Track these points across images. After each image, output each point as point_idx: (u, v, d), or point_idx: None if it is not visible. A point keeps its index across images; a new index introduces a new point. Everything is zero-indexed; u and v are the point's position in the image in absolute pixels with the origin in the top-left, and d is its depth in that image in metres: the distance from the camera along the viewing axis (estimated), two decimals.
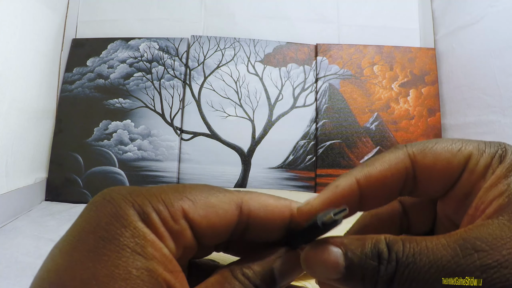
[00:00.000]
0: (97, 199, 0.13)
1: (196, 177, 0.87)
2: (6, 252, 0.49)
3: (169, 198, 0.13)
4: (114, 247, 0.11)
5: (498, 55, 0.75)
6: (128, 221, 0.12)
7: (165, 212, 0.13)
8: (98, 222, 0.12)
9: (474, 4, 0.83)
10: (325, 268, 0.14)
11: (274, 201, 0.16)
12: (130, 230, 0.12)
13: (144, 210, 0.12)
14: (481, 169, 0.15)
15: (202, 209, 0.14)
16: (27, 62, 0.73)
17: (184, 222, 0.13)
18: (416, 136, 0.92)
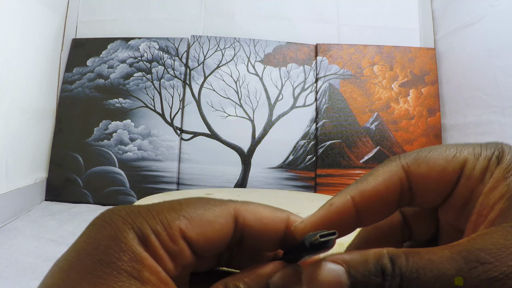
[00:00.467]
0: (98, 221, 0.13)
1: (196, 177, 0.87)
2: (6, 252, 0.49)
3: (166, 219, 0.13)
4: (111, 270, 0.12)
5: (498, 55, 0.75)
6: (127, 245, 0.12)
7: (163, 234, 0.13)
8: (97, 244, 0.12)
9: (474, 4, 0.83)
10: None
11: (270, 213, 0.16)
12: (128, 255, 0.12)
13: (143, 232, 0.13)
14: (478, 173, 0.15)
15: (199, 226, 0.14)
16: (27, 62, 0.73)
17: (183, 242, 0.13)
18: (416, 136, 0.92)
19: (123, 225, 0.13)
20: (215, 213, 0.14)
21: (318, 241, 0.14)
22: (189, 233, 0.13)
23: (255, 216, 0.15)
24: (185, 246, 0.13)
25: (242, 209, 0.15)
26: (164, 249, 0.13)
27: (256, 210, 0.16)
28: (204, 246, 0.14)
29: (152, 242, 0.13)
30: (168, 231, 0.13)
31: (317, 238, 0.14)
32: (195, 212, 0.14)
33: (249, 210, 0.15)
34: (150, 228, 0.13)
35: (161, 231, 0.13)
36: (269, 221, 0.15)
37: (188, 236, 0.13)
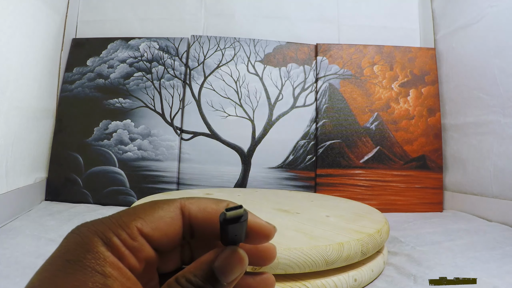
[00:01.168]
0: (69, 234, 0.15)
1: (196, 177, 0.87)
2: (6, 252, 0.49)
3: (124, 221, 0.16)
4: (77, 267, 0.14)
5: (498, 55, 0.75)
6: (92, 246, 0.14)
7: (123, 234, 0.15)
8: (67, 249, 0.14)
9: (474, 4, 0.83)
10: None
11: (211, 203, 0.18)
12: (93, 254, 0.14)
13: (105, 235, 0.15)
14: None
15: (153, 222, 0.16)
16: (27, 62, 0.73)
17: (141, 238, 0.16)
18: (416, 136, 0.92)
19: (89, 232, 0.15)
20: (164, 210, 0.17)
21: (227, 216, 0.15)
22: (145, 229, 0.16)
23: (198, 207, 0.18)
24: (144, 241, 0.16)
25: (187, 203, 0.18)
26: (125, 246, 0.15)
27: (199, 202, 0.18)
28: (161, 239, 0.16)
29: (114, 242, 0.15)
30: (127, 231, 0.15)
31: (225, 214, 0.15)
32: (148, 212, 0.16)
33: (193, 203, 0.18)
34: (111, 231, 0.15)
35: (121, 232, 0.15)
36: (211, 209, 0.18)
37: (145, 232, 0.16)
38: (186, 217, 0.17)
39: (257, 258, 0.18)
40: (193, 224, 0.17)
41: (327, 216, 0.52)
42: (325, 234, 0.43)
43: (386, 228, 0.48)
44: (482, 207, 0.77)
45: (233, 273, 0.16)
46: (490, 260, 0.50)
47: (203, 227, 0.17)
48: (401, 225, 0.72)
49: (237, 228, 0.16)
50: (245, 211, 0.16)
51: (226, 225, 0.16)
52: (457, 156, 0.88)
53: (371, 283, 0.43)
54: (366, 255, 0.42)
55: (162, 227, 0.16)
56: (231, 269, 0.16)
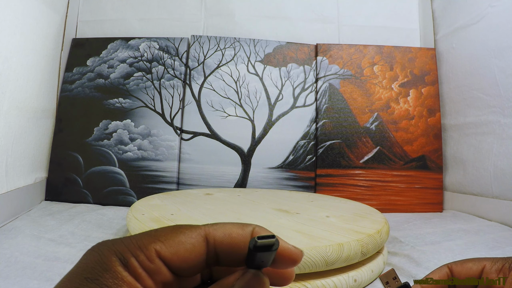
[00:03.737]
0: (88, 251, 0.16)
1: (196, 176, 0.87)
2: (6, 252, 0.49)
3: (143, 243, 0.16)
4: (95, 285, 0.14)
5: (498, 55, 0.75)
6: (110, 266, 0.15)
7: (141, 256, 0.15)
8: (85, 267, 0.15)
9: (474, 4, 0.83)
10: None
11: (237, 228, 0.18)
12: (111, 273, 0.14)
13: (124, 255, 0.15)
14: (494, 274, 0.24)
15: (172, 247, 0.16)
16: (27, 62, 0.73)
17: (159, 261, 0.16)
18: (416, 136, 0.92)
19: (108, 251, 0.15)
20: (186, 235, 0.17)
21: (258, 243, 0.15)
22: (164, 253, 0.16)
23: (224, 233, 0.17)
24: (161, 264, 0.16)
25: (211, 229, 0.17)
26: (142, 268, 0.15)
27: (224, 227, 0.18)
28: (180, 264, 0.16)
29: (132, 263, 0.15)
30: (145, 253, 0.15)
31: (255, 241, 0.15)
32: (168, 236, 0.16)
33: (218, 229, 0.17)
34: (130, 252, 0.15)
35: (139, 253, 0.15)
36: (236, 235, 0.17)
37: (163, 255, 0.16)
38: (211, 244, 0.17)
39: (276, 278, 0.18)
40: (219, 251, 0.17)
41: (327, 217, 0.52)
42: (325, 234, 0.43)
43: (386, 228, 0.48)
44: (482, 207, 0.77)
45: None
46: None
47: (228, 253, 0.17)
48: (401, 225, 0.72)
49: (265, 256, 0.16)
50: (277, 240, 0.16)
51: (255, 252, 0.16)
52: (457, 156, 0.88)
53: (371, 284, 0.43)
54: (366, 255, 0.42)
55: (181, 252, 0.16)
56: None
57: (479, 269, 0.26)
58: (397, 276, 0.28)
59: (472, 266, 0.26)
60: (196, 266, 0.17)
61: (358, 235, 0.43)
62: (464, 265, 0.26)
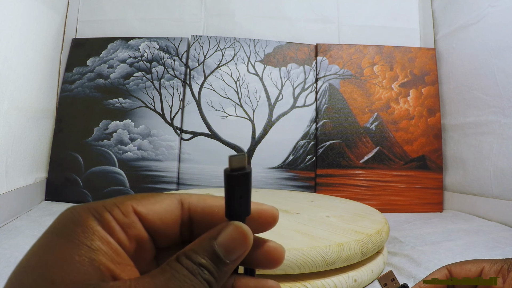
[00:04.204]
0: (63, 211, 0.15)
1: (196, 177, 0.87)
2: (6, 252, 0.49)
3: (120, 200, 0.16)
4: (64, 240, 0.14)
5: (498, 55, 0.75)
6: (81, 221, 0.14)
7: (116, 210, 0.15)
8: (57, 225, 0.15)
9: (474, 4, 0.83)
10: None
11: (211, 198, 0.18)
12: (82, 228, 0.14)
13: (98, 211, 0.15)
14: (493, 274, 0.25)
15: (148, 204, 0.16)
16: (27, 62, 0.73)
17: (134, 216, 0.16)
18: (416, 136, 0.92)
19: (83, 210, 0.15)
20: (161, 197, 0.17)
21: (233, 159, 0.15)
22: (139, 208, 0.16)
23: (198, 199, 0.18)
24: (136, 219, 0.16)
25: (186, 195, 0.18)
26: (116, 222, 0.15)
27: (199, 195, 0.18)
28: (154, 221, 0.16)
29: (106, 217, 0.15)
30: (121, 208, 0.16)
31: (230, 159, 0.15)
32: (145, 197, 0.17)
33: (192, 196, 0.18)
34: (105, 208, 0.15)
35: (114, 208, 0.15)
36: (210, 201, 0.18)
37: (138, 211, 0.16)
38: (185, 208, 0.17)
39: (266, 260, 0.18)
40: (193, 217, 0.17)
41: (327, 217, 0.52)
42: (325, 234, 0.43)
43: (386, 228, 0.48)
44: (482, 207, 0.77)
45: (237, 250, 0.16)
46: None
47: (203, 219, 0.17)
48: (401, 226, 0.72)
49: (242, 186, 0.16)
50: (248, 162, 0.16)
51: (231, 178, 0.15)
52: (457, 156, 0.88)
53: (371, 284, 0.43)
54: (366, 255, 0.42)
55: (157, 209, 0.16)
56: (234, 246, 0.15)
57: (478, 270, 0.26)
58: (395, 277, 0.28)
59: (471, 267, 0.26)
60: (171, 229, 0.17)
61: (358, 235, 0.43)
62: (463, 266, 0.27)
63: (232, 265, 0.16)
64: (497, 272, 0.25)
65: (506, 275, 0.25)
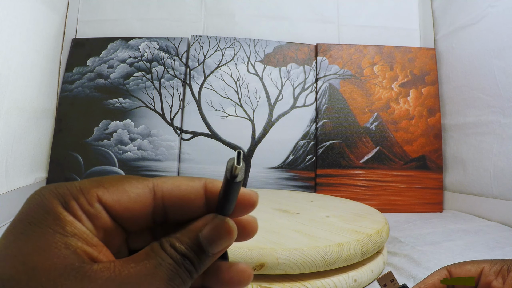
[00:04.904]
0: (31, 196, 0.15)
1: None
2: None
3: (86, 187, 0.16)
4: (38, 228, 0.14)
5: (498, 55, 0.75)
6: (51, 208, 0.15)
7: (82, 199, 0.15)
8: (28, 211, 0.15)
9: (474, 4, 0.83)
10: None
11: (187, 181, 0.17)
12: (52, 215, 0.14)
13: (64, 198, 0.15)
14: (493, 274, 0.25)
15: (115, 193, 0.16)
16: (27, 62, 0.73)
17: (99, 206, 0.15)
18: (416, 136, 0.92)
19: (49, 195, 0.15)
20: (131, 185, 0.16)
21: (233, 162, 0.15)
22: (105, 199, 0.16)
23: (172, 185, 0.17)
24: (101, 209, 0.15)
25: (159, 181, 0.17)
26: (82, 210, 0.15)
27: (174, 179, 0.17)
28: (122, 212, 0.16)
29: (72, 205, 0.15)
30: (86, 196, 0.15)
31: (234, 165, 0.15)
32: (113, 183, 0.16)
33: (166, 182, 0.17)
34: (71, 195, 0.15)
35: (80, 196, 0.15)
36: (186, 187, 0.17)
37: (104, 201, 0.16)
38: (158, 196, 0.16)
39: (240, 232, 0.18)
40: (168, 204, 0.17)
41: (327, 217, 0.52)
42: (325, 234, 0.43)
43: (386, 228, 0.48)
44: (482, 207, 0.77)
45: (221, 244, 0.16)
46: None
47: (178, 206, 0.17)
48: (401, 226, 0.72)
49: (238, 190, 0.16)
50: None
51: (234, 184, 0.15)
52: (457, 156, 0.88)
53: (371, 284, 0.43)
54: (366, 255, 0.42)
55: (124, 200, 0.16)
56: (218, 240, 0.16)
57: (477, 271, 0.26)
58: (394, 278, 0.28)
59: (470, 268, 0.26)
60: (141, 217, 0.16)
61: (358, 235, 0.43)
62: (463, 267, 0.27)
63: (213, 258, 0.16)
64: (497, 273, 0.25)
65: (506, 275, 0.25)
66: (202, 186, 0.17)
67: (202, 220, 0.16)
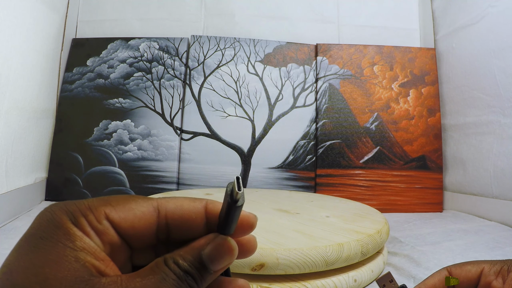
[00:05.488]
0: (41, 212, 0.16)
1: (196, 177, 0.87)
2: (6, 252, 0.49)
3: (94, 205, 0.16)
4: (49, 242, 0.15)
5: (498, 55, 0.75)
6: (61, 223, 0.15)
7: (90, 216, 0.16)
8: (39, 226, 0.15)
9: (474, 4, 0.83)
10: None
11: (189, 201, 0.18)
12: (63, 230, 0.15)
13: (73, 214, 0.16)
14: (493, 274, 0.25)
15: (122, 211, 0.17)
16: (27, 62, 0.73)
17: (106, 222, 0.16)
18: (416, 136, 0.92)
19: (59, 211, 0.16)
20: (137, 203, 0.17)
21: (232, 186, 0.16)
22: (112, 216, 0.16)
23: (175, 205, 0.18)
24: (109, 226, 0.16)
25: (163, 201, 0.18)
26: (90, 227, 0.16)
27: (176, 200, 0.18)
28: (127, 229, 0.17)
29: (81, 221, 0.16)
30: (94, 213, 0.16)
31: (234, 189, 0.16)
32: (120, 202, 0.17)
33: (170, 202, 0.18)
34: (80, 211, 0.16)
35: (88, 213, 0.16)
36: (188, 206, 0.18)
37: (111, 218, 0.16)
38: (162, 214, 0.17)
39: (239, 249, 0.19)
40: (171, 223, 0.18)
41: (327, 217, 0.52)
42: (325, 234, 0.43)
43: (386, 228, 0.48)
44: (482, 207, 0.77)
45: (222, 262, 0.17)
46: None
47: (180, 225, 0.18)
48: (401, 226, 0.72)
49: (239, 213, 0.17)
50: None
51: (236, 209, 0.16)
52: (457, 156, 0.88)
53: (371, 284, 0.43)
54: (366, 255, 0.42)
55: (130, 217, 0.17)
56: (220, 258, 0.17)
57: (477, 271, 0.26)
58: (393, 279, 0.28)
59: (470, 268, 0.26)
60: (145, 234, 0.17)
61: (358, 235, 0.43)
62: (463, 267, 0.27)
63: (214, 275, 0.17)
64: (497, 273, 0.25)
65: (506, 275, 0.25)
66: (203, 206, 0.18)
67: (204, 238, 0.17)
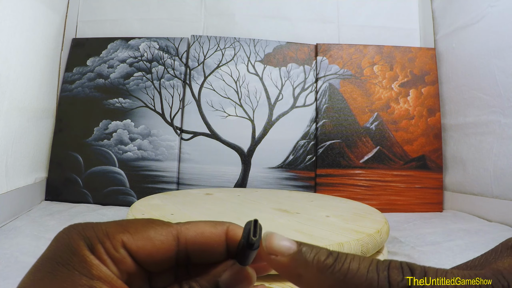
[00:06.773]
0: (59, 234, 0.16)
1: (196, 176, 0.87)
2: (6, 252, 0.49)
3: (111, 232, 0.16)
4: (66, 269, 0.15)
5: (498, 55, 0.75)
6: (78, 250, 0.15)
7: (107, 243, 0.16)
8: (56, 251, 0.16)
9: (474, 4, 0.83)
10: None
11: (210, 227, 0.18)
12: (79, 257, 0.15)
13: (91, 241, 0.16)
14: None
15: (140, 240, 0.17)
16: (27, 62, 0.73)
17: (124, 251, 0.16)
18: (416, 136, 0.92)
19: (76, 236, 0.16)
20: (156, 232, 0.17)
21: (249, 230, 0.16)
22: (130, 245, 0.16)
23: (196, 232, 0.18)
24: (126, 255, 0.16)
25: (183, 228, 0.18)
26: (107, 255, 0.16)
27: (197, 226, 0.18)
28: (145, 259, 0.17)
29: (98, 249, 0.16)
30: (112, 241, 0.16)
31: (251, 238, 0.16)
32: (139, 229, 0.17)
33: (190, 229, 0.18)
34: (97, 238, 0.16)
35: (106, 241, 0.16)
36: (209, 234, 0.18)
37: (128, 247, 0.16)
38: (182, 243, 0.17)
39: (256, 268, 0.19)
40: (191, 250, 0.17)
41: (327, 216, 0.52)
42: (324, 234, 0.43)
43: (386, 228, 0.48)
44: (482, 207, 0.77)
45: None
46: None
47: (201, 252, 0.18)
48: (401, 225, 0.72)
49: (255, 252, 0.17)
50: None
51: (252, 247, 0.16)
52: (457, 156, 0.88)
53: None
54: (366, 255, 0.42)
55: (148, 247, 0.17)
56: (236, 285, 0.17)
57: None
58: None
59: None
60: (164, 263, 0.17)
61: (358, 235, 0.43)
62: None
63: None
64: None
65: None
66: (224, 232, 0.18)
67: (222, 265, 0.17)
